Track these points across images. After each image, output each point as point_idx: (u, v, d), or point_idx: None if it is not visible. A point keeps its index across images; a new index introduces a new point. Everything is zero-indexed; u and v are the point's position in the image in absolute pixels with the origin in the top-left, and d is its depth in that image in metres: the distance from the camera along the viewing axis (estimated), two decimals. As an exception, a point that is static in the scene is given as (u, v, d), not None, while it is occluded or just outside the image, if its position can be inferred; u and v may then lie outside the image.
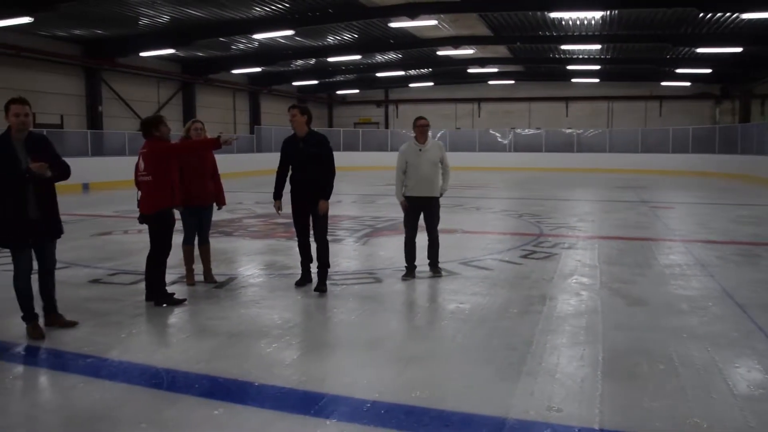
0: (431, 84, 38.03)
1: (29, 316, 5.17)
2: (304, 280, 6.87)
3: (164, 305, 6.04)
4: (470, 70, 33.13)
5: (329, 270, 6.77)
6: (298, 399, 3.91)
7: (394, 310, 6.03)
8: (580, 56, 29.35)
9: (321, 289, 6.58)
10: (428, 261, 7.41)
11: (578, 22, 22.25)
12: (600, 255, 8.65)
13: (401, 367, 4.46)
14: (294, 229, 6.84)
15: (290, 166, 6.68)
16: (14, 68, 21.51)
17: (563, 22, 22.36)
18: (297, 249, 6.90)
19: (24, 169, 4.89)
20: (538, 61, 31.52)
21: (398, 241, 10.12)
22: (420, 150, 7.19)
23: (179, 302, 6.14)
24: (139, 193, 6.11)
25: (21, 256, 5.09)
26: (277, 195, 6.77)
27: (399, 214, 13.33)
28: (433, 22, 21.26)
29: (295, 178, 6.62)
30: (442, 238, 7.55)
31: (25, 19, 18.02)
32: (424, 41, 25.69)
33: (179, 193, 6.23)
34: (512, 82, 36.70)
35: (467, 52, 27.54)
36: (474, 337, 5.16)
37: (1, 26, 18.87)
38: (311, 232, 6.73)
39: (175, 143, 6.47)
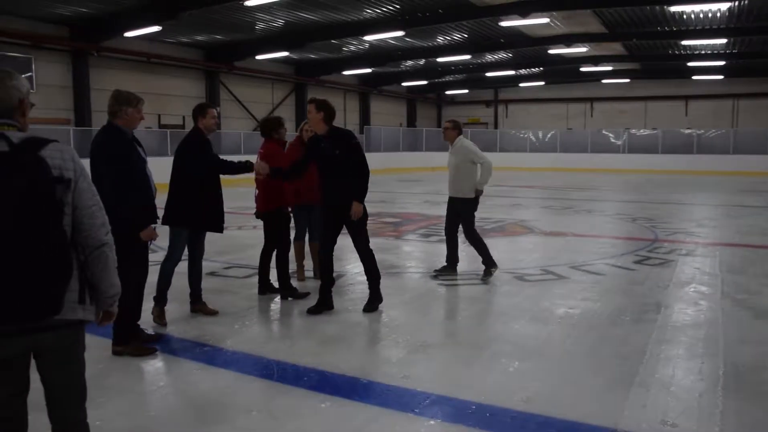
0: (542, 83, 37.19)
1: (161, 299, 5.53)
2: (321, 306, 5.82)
3: (289, 299, 6.27)
4: (583, 69, 32.13)
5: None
6: (402, 397, 3.95)
7: (500, 313, 5.95)
8: (703, 52, 27.75)
9: (372, 307, 5.83)
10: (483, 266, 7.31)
11: (701, 15, 21.03)
12: (721, 263, 8.16)
13: (507, 371, 4.40)
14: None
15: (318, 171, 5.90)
16: (145, 73, 23.10)
17: (684, 16, 21.21)
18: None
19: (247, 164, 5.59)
20: (655, 58, 30.08)
21: (506, 242, 10.03)
22: (450, 152, 7.37)
23: (303, 296, 6.33)
24: (257, 190, 6.37)
25: (180, 241, 5.55)
26: (276, 171, 5.85)
27: (507, 216, 13.20)
28: (545, 20, 20.79)
29: (323, 184, 5.85)
30: (551, 240, 7.39)
31: (154, 28, 19.41)
32: (535, 40, 25.16)
33: (293, 191, 6.42)
34: (627, 80, 35.24)
35: (580, 50, 26.74)
36: (583, 344, 5.01)
37: (133, 35, 20.33)
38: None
39: (285, 152, 6.58)
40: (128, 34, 20.03)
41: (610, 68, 32.31)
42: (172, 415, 3.72)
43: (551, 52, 27.70)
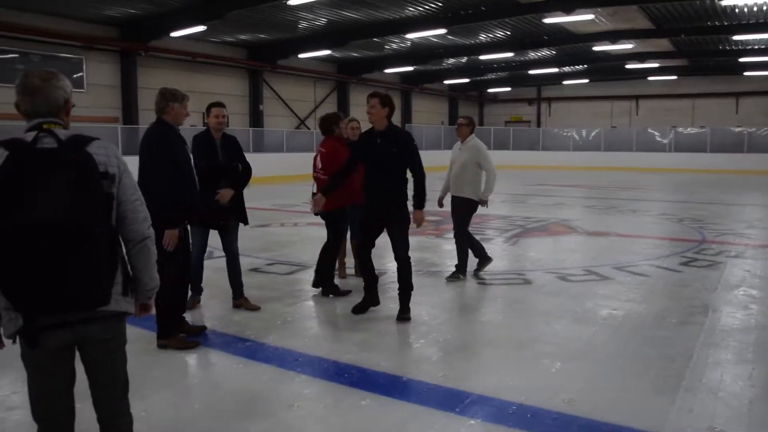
0: (586, 81, 36.61)
1: (196, 290, 5.83)
2: (366, 303, 5.75)
3: (330, 296, 6.33)
4: (628, 66, 31.50)
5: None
6: (443, 396, 3.94)
7: (542, 313, 5.89)
8: (756, 47, 26.90)
9: (404, 317, 5.57)
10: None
11: (755, 9, 20.38)
12: (773, 265, 7.92)
13: (549, 372, 4.35)
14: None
15: (364, 168, 5.66)
16: (190, 72, 23.50)
17: (737, 10, 20.60)
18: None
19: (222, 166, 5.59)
20: (704, 54, 29.28)
21: (549, 242, 9.93)
22: (459, 149, 7.18)
23: (344, 293, 6.38)
24: (315, 186, 6.41)
25: (200, 236, 5.73)
26: (327, 191, 5.68)
27: (549, 215, 13.05)
28: (590, 17, 20.46)
29: (369, 183, 5.58)
30: (594, 240, 7.28)
31: (200, 28, 19.73)
32: (579, 37, 24.78)
33: (352, 192, 6.29)
34: (674, 77, 34.42)
35: (626, 46, 26.24)
36: (627, 346, 4.92)
37: (179, 35, 20.71)
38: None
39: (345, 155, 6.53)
40: (174, 34, 20.39)
41: (656, 65, 31.60)
42: (215, 409, 3.78)
43: (596, 49, 27.24)
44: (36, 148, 2.21)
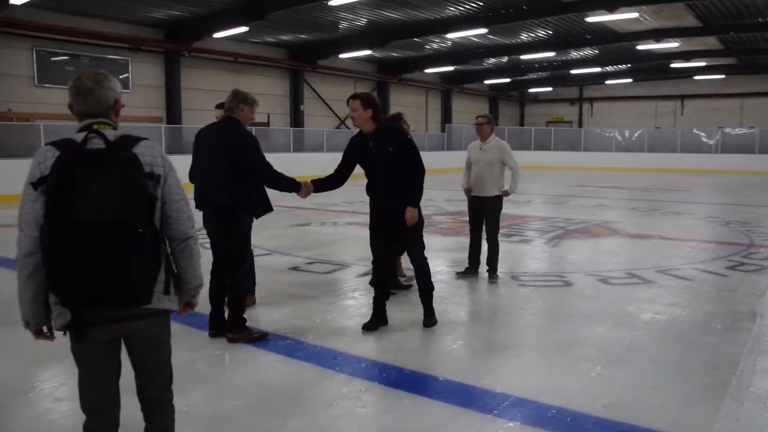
0: (629, 80, 36.01)
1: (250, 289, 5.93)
2: (375, 321, 5.33)
3: (394, 292, 6.29)
4: (674, 65, 30.88)
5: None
6: (481, 397, 3.92)
7: (583, 316, 5.81)
8: (810, 45, 26.14)
9: (430, 323, 5.37)
10: (487, 267, 7.13)
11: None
12: (825, 271, 7.68)
13: (590, 376, 4.30)
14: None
15: (364, 172, 5.40)
16: (232, 73, 23.86)
17: (789, 7, 20.05)
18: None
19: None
20: (754, 52, 28.47)
21: (590, 244, 9.79)
22: (480, 148, 7.09)
23: (406, 287, 6.49)
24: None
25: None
26: (316, 183, 5.31)
27: (590, 217, 12.87)
28: (634, 15, 20.12)
29: (370, 186, 5.36)
30: (636, 243, 7.16)
31: (242, 29, 20.00)
32: (623, 35, 24.39)
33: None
34: (722, 76, 33.62)
35: (671, 45, 25.73)
36: (670, 351, 4.82)
37: (222, 36, 21.05)
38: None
39: None
40: (217, 35, 20.73)
41: (703, 64, 30.91)
42: (254, 405, 3.83)
43: (640, 47, 26.79)
44: (85, 149, 2.30)
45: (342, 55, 25.67)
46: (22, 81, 18.32)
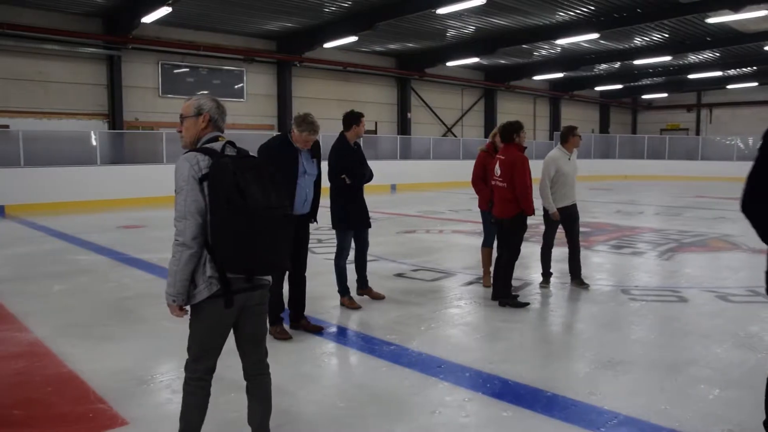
0: (754, 84, 33.80)
1: (344, 290, 6.26)
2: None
3: (507, 306, 6.29)
4: (805, 68, 28.79)
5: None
6: (588, 414, 3.81)
7: (699, 334, 5.52)
8: None
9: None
10: (570, 274, 7.13)
11: None
12: None
13: (707, 398, 4.08)
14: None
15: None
16: (342, 81, 24.50)
17: None
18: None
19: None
20: None
21: (707, 258, 9.28)
22: (569, 159, 7.11)
23: (523, 305, 6.30)
24: (492, 193, 6.52)
25: (348, 239, 6.22)
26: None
27: (709, 229, 12.22)
28: (762, 13, 18.88)
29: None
30: (760, 259, 6.66)
31: (351, 39, 20.43)
32: (747, 36, 22.97)
33: (530, 200, 6.23)
34: None
35: (803, 46, 23.99)
36: (798, 376, 4.49)
37: (332, 46, 21.62)
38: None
39: (526, 166, 6.30)
40: (327, 45, 21.31)
41: (839, 65, 28.63)
42: (358, 409, 3.90)
43: (767, 48, 25.10)
44: (227, 155, 2.81)
45: (449, 63, 25.69)
46: (148, 92, 19.69)
